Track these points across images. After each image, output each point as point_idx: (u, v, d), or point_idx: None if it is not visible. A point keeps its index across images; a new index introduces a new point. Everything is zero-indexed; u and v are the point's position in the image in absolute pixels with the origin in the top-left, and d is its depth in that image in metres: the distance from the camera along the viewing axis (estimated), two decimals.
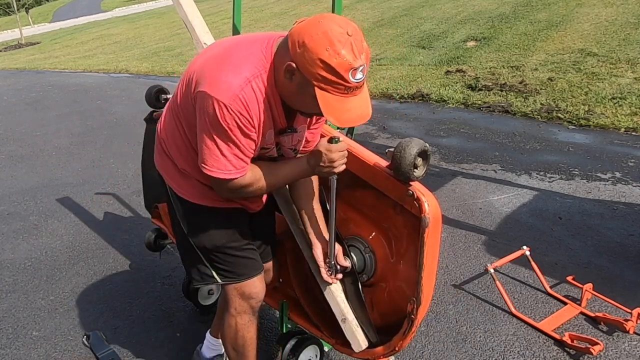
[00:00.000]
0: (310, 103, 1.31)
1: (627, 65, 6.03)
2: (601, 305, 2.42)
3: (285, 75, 1.31)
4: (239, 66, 1.34)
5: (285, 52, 1.30)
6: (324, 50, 1.22)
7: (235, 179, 1.42)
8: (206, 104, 1.33)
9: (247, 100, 1.32)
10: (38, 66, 13.04)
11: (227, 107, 1.31)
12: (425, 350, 2.23)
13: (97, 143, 5.66)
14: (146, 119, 2.48)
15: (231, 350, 1.80)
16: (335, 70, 1.22)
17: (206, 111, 1.33)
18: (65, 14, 30.71)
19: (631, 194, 3.44)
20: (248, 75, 1.33)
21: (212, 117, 1.32)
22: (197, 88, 1.36)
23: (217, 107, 1.31)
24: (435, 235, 1.50)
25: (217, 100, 1.31)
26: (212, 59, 1.40)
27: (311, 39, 1.23)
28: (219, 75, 1.33)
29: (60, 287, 2.93)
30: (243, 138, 1.37)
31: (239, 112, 1.32)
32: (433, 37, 8.82)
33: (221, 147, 1.36)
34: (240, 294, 1.69)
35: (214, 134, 1.35)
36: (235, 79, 1.32)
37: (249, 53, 1.36)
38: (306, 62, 1.24)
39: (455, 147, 4.55)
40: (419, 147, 1.45)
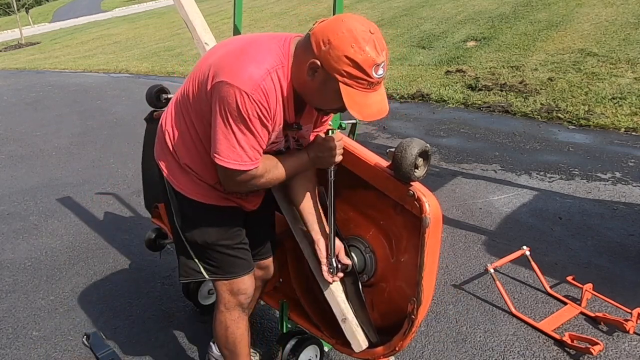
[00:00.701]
0: (331, 99, 1.36)
1: (627, 65, 6.03)
2: (601, 305, 2.42)
3: (307, 73, 1.35)
4: (259, 58, 1.36)
5: (307, 51, 1.34)
6: (349, 47, 1.27)
7: (249, 171, 1.43)
8: (227, 93, 1.33)
9: (267, 91, 1.35)
10: (38, 66, 13.04)
11: (249, 96, 1.32)
12: (425, 350, 2.23)
13: (97, 143, 5.67)
14: (146, 118, 2.48)
15: (223, 347, 1.82)
16: (360, 66, 1.27)
17: (226, 101, 1.34)
18: (65, 14, 30.72)
19: (631, 194, 3.45)
20: (268, 67, 1.36)
21: (232, 106, 1.33)
22: (215, 80, 1.37)
23: (238, 96, 1.32)
24: (435, 235, 1.50)
25: (239, 89, 1.32)
26: (230, 53, 1.41)
27: (337, 36, 1.28)
28: (240, 65, 1.35)
29: (60, 287, 2.93)
30: (260, 128, 1.38)
31: (259, 101, 1.34)
32: (433, 37, 8.82)
33: (238, 137, 1.36)
34: (229, 290, 1.71)
35: (232, 123, 1.35)
36: (256, 70, 1.34)
37: (268, 48, 1.40)
38: (331, 59, 1.29)
39: (455, 147, 4.55)
40: (419, 147, 1.45)
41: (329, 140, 1.54)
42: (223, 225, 1.66)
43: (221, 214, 1.64)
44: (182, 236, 1.67)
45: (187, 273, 1.72)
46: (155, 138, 1.70)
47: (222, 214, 1.65)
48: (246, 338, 1.81)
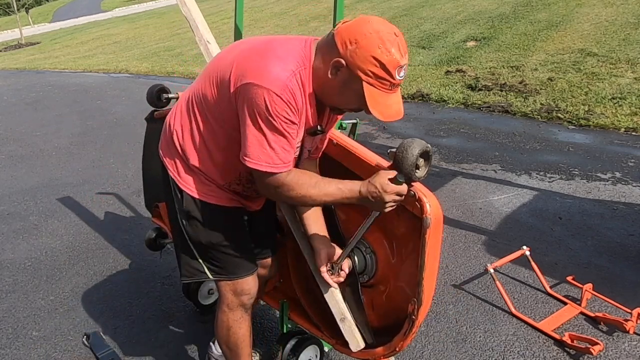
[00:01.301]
0: (351, 98, 1.38)
1: (627, 65, 6.03)
2: (601, 305, 2.42)
3: (330, 72, 1.36)
4: (284, 58, 1.36)
5: (331, 50, 1.35)
6: (376, 48, 1.29)
7: (280, 174, 1.41)
8: (255, 94, 1.33)
9: (294, 91, 1.35)
10: (38, 66, 13.04)
11: (278, 96, 1.32)
12: (425, 350, 2.23)
13: (97, 143, 5.66)
14: (147, 118, 2.48)
15: (224, 347, 1.81)
16: (386, 66, 1.30)
17: (255, 102, 1.33)
18: (65, 14, 30.71)
19: (631, 194, 3.45)
20: (293, 68, 1.36)
21: (261, 107, 1.32)
22: (241, 81, 1.36)
23: (267, 97, 1.31)
24: (436, 235, 1.50)
25: (268, 90, 1.31)
26: (251, 54, 1.40)
27: (364, 37, 1.29)
28: (266, 66, 1.34)
29: (60, 287, 2.93)
30: (290, 129, 1.37)
31: (288, 101, 1.34)
32: (433, 37, 8.82)
33: (269, 139, 1.35)
34: (232, 290, 1.71)
35: (262, 124, 1.34)
36: (282, 70, 1.34)
37: (291, 48, 1.40)
38: (358, 59, 1.30)
39: (455, 147, 4.55)
40: (421, 147, 1.45)
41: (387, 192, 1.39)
42: (228, 226, 1.65)
43: (227, 214, 1.64)
44: (187, 236, 1.66)
45: (191, 273, 1.72)
46: (161, 135, 1.69)
47: (227, 214, 1.64)
48: (248, 338, 1.81)
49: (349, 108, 1.47)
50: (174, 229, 1.73)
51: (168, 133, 1.64)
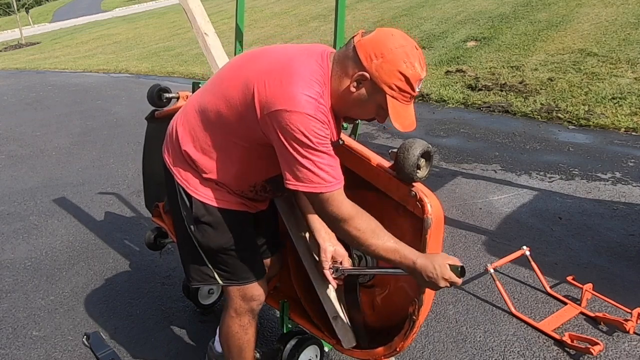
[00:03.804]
0: (370, 110, 1.41)
1: (627, 65, 6.03)
2: (601, 305, 2.42)
3: (352, 85, 1.37)
4: (309, 80, 1.36)
5: (352, 64, 1.36)
6: (402, 63, 1.32)
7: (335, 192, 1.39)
8: (289, 120, 1.32)
9: (325, 111, 1.36)
10: (38, 66, 13.04)
11: (314, 117, 1.32)
12: (425, 350, 2.23)
13: (97, 143, 5.66)
14: (147, 118, 2.48)
15: (227, 350, 1.80)
16: (410, 80, 1.33)
17: (290, 129, 1.32)
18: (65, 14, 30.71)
19: (631, 194, 3.45)
20: (318, 90, 1.36)
21: (297, 132, 1.32)
22: (269, 109, 1.34)
23: (303, 120, 1.31)
24: (437, 235, 1.50)
25: (301, 113, 1.31)
26: (273, 77, 1.37)
27: (390, 52, 1.32)
28: (293, 91, 1.33)
29: (60, 287, 2.93)
30: (328, 145, 1.37)
31: (323, 120, 1.34)
32: (433, 37, 8.81)
33: (315, 161, 1.35)
34: (241, 296, 1.69)
35: (304, 149, 1.33)
36: (310, 92, 1.34)
37: (312, 67, 1.39)
38: (383, 73, 1.32)
39: (455, 147, 4.55)
40: (422, 148, 1.45)
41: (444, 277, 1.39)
42: (238, 230, 1.64)
43: (236, 218, 1.63)
44: (195, 242, 1.64)
45: (201, 278, 1.70)
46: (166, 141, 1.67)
47: (237, 218, 1.63)
48: (252, 344, 1.80)
49: (363, 118, 1.48)
50: (180, 235, 1.71)
51: (175, 141, 1.61)
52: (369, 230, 1.42)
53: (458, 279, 1.39)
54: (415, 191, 1.49)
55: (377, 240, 1.42)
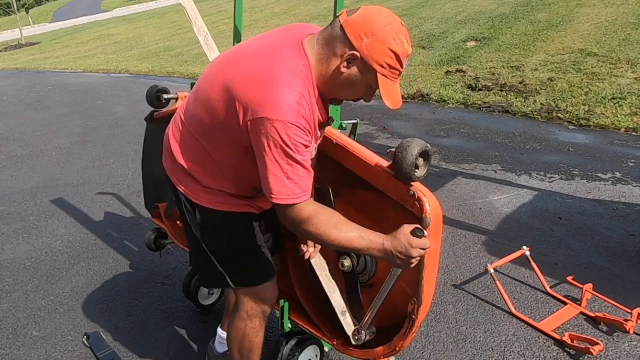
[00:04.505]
0: (359, 89, 1.40)
1: (627, 65, 6.03)
2: (601, 305, 2.42)
3: (342, 65, 1.35)
4: (290, 82, 1.33)
5: (340, 44, 1.34)
6: (392, 40, 1.32)
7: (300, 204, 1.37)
8: (270, 129, 1.30)
9: (306, 113, 1.34)
10: (38, 66, 13.05)
11: (294, 125, 1.30)
12: (425, 350, 2.23)
13: (97, 143, 5.67)
14: (147, 118, 2.48)
15: (236, 352, 1.78)
16: (399, 57, 1.34)
17: (271, 137, 1.31)
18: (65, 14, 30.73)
19: (631, 194, 3.45)
20: (300, 89, 1.34)
21: (278, 141, 1.30)
22: (252, 115, 1.33)
23: (283, 129, 1.30)
24: (436, 235, 1.50)
25: (283, 122, 1.29)
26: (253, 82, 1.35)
27: (380, 30, 1.31)
28: (275, 96, 1.31)
29: (60, 287, 2.93)
30: (306, 153, 1.36)
31: (304, 127, 1.33)
32: (433, 37, 8.82)
33: (286, 170, 1.34)
34: (253, 298, 1.68)
35: (279, 158, 1.32)
36: (291, 95, 1.32)
37: (292, 65, 1.36)
38: (374, 51, 1.32)
39: (455, 147, 4.55)
40: (420, 147, 1.45)
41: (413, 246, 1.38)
42: (244, 231, 1.64)
43: (241, 219, 1.62)
44: (205, 247, 1.64)
45: (214, 282, 1.73)
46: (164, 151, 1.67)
47: (242, 219, 1.62)
48: (261, 345, 1.79)
49: (351, 98, 1.47)
50: (191, 242, 1.71)
51: (170, 153, 1.61)
52: (330, 225, 1.41)
53: (426, 241, 1.39)
54: (414, 190, 1.48)
55: (341, 233, 1.41)
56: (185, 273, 2.60)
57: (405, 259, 1.39)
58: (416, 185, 1.50)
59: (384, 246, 1.40)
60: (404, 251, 1.38)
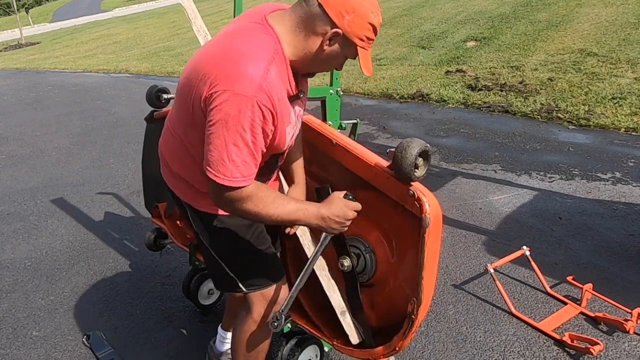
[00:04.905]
0: (337, 63, 1.43)
1: (627, 65, 6.03)
2: (601, 305, 2.42)
3: (325, 43, 1.36)
4: (254, 56, 1.29)
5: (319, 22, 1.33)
6: (370, 14, 1.34)
7: (238, 189, 1.32)
8: (226, 100, 1.25)
9: (270, 89, 1.29)
10: (38, 66, 13.05)
11: (253, 101, 1.25)
12: (425, 350, 2.23)
13: (97, 143, 5.67)
14: (147, 118, 2.48)
15: (244, 356, 1.76)
16: (376, 29, 1.36)
17: (225, 110, 1.25)
18: (65, 14, 30.75)
19: (631, 194, 3.44)
20: (265, 64, 1.29)
21: (233, 114, 1.25)
22: (211, 89, 1.28)
23: (241, 103, 1.25)
24: (435, 235, 1.50)
25: (242, 95, 1.25)
26: (216, 59, 1.31)
27: (360, 5, 1.32)
28: (236, 68, 1.27)
29: (60, 287, 2.93)
30: (258, 136, 1.30)
31: (264, 105, 1.28)
32: (433, 37, 8.82)
33: (230, 151, 1.28)
34: (264, 300, 1.67)
35: (227, 135, 1.26)
36: (255, 69, 1.27)
37: (258, 41, 1.33)
38: (356, 27, 1.33)
39: (455, 147, 4.55)
40: (420, 147, 1.45)
41: (350, 208, 1.45)
42: (250, 233, 1.62)
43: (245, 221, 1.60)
44: (214, 254, 1.63)
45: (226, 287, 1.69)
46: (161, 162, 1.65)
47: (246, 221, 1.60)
48: (268, 347, 1.79)
49: (326, 71, 1.50)
50: (202, 250, 1.71)
51: (165, 161, 1.60)
52: (269, 202, 1.37)
53: (358, 204, 1.48)
54: (414, 190, 1.48)
55: (279, 208, 1.38)
56: (185, 273, 2.60)
57: (342, 222, 1.45)
58: (416, 185, 1.50)
59: (321, 213, 1.43)
60: (342, 214, 1.44)
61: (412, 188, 1.49)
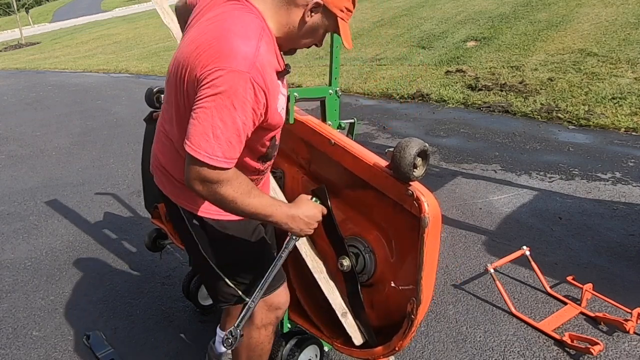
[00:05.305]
0: (318, 36, 1.45)
1: (627, 65, 6.03)
2: (601, 305, 2.42)
3: (306, 15, 1.37)
4: (244, 34, 1.27)
5: None
6: None
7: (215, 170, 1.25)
8: (220, 77, 1.21)
9: (263, 67, 1.27)
10: (38, 66, 13.05)
11: (246, 76, 1.23)
12: (425, 350, 2.23)
13: (97, 143, 5.67)
14: (146, 119, 2.48)
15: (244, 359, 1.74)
16: (354, 1, 1.40)
17: (216, 85, 1.21)
18: (65, 14, 30.76)
19: (631, 194, 3.44)
20: (256, 42, 1.28)
21: (224, 89, 1.21)
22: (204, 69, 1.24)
23: (234, 78, 1.21)
24: (434, 235, 1.50)
25: (236, 71, 1.21)
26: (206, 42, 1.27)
27: None
28: (230, 47, 1.24)
29: (60, 287, 2.93)
30: (248, 121, 1.26)
31: (257, 82, 1.25)
32: (433, 37, 8.82)
33: (216, 126, 1.22)
34: (267, 307, 1.63)
35: (214, 108, 1.21)
36: (247, 48, 1.25)
37: (243, 21, 1.30)
38: None
39: (455, 147, 4.55)
40: (418, 146, 1.45)
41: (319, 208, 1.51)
42: (255, 238, 1.60)
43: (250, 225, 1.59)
44: (213, 263, 1.58)
45: (226, 299, 1.63)
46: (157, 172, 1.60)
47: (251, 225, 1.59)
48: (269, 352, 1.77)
49: (307, 46, 1.49)
50: (197, 261, 1.64)
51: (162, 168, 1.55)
52: (246, 190, 1.33)
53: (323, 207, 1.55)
54: (412, 190, 1.48)
55: (255, 199, 1.34)
56: (185, 273, 2.60)
57: (311, 222, 1.47)
58: (415, 185, 1.50)
59: (291, 213, 1.43)
60: (311, 214, 1.47)
61: (411, 188, 1.49)
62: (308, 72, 8.04)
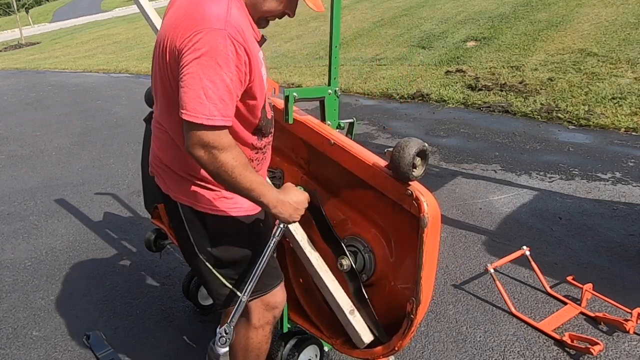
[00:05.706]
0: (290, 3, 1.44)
1: (627, 65, 6.03)
2: (601, 305, 2.42)
3: None
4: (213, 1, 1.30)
5: None
6: None
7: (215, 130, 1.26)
8: (199, 41, 1.24)
9: (238, 24, 1.29)
10: (38, 66, 13.06)
11: (224, 31, 1.25)
12: (425, 350, 2.23)
13: (97, 143, 5.67)
14: (146, 119, 2.48)
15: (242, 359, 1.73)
16: None
17: (198, 48, 1.23)
18: (65, 14, 30.76)
19: (631, 194, 3.44)
20: (225, 4, 1.31)
21: (204, 50, 1.23)
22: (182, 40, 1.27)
23: (212, 37, 1.24)
24: (434, 234, 1.50)
25: (211, 29, 1.24)
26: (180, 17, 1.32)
27: None
28: (202, 12, 1.27)
29: (60, 287, 2.93)
30: (234, 78, 1.28)
31: (235, 37, 1.26)
32: (433, 37, 8.82)
33: (206, 87, 1.23)
34: (264, 306, 1.63)
35: (201, 71, 1.23)
36: (218, 8, 1.28)
37: None
38: None
39: (455, 147, 4.55)
40: (417, 146, 1.45)
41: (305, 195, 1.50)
42: (252, 235, 1.59)
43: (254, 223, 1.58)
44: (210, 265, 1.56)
45: (225, 301, 1.62)
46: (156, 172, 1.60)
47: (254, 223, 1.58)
48: (267, 351, 1.76)
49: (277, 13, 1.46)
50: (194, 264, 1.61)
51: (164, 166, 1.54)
52: (244, 163, 1.34)
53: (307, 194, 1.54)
54: (412, 190, 1.48)
55: (252, 173, 1.35)
56: (185, 273, 2.60)
57: (297, 208, 1.46)
58: (414, 184, 1.50)
59: (280, 197, 1.43)
60: (298, 200, 1.47)
61: (410, 188, 1.49)
62: (308, 72, 8.04)
